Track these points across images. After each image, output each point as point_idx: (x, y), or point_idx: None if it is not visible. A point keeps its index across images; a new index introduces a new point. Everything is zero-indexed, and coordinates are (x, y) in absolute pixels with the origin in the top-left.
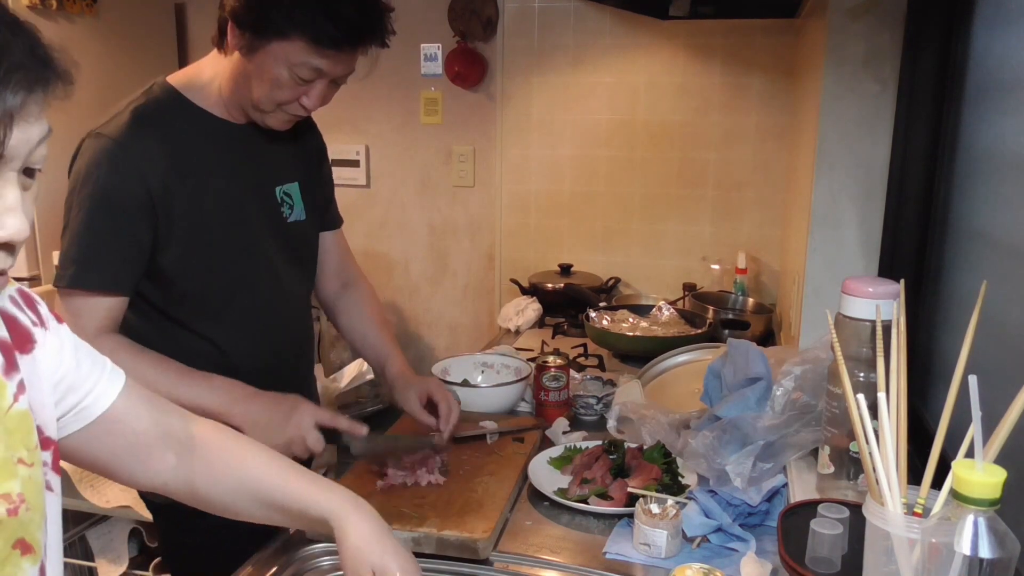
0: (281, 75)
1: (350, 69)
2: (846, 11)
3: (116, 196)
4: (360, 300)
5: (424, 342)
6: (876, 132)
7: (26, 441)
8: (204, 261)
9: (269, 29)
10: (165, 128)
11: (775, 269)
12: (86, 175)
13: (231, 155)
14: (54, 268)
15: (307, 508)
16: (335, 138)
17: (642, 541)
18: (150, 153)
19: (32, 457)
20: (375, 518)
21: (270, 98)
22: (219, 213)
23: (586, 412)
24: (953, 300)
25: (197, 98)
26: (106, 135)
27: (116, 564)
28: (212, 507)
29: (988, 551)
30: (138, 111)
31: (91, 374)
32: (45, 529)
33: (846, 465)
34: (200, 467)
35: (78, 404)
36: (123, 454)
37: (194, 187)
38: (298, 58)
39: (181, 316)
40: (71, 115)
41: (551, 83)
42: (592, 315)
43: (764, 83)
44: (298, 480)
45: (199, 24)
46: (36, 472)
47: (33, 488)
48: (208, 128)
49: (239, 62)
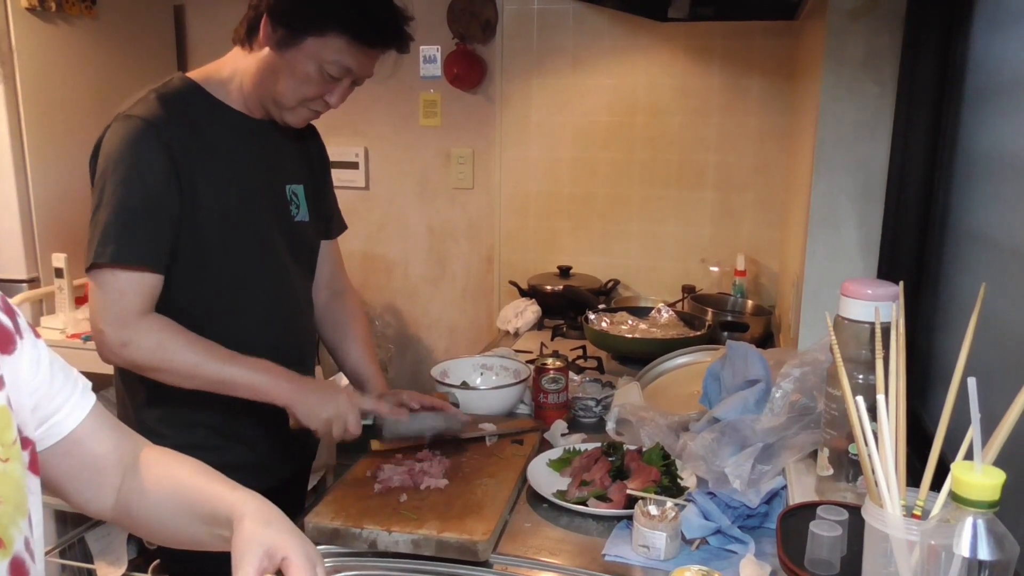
0: (311, 71)
1: (371, 71)
2: (845, 13)
3: (150, 174)
4: (347, 315)
5: (423, 344)
6: (875, 134)
7: (3, 436)
8: (219, 247)
9: (306, 25)
10: (189, 113)
11: (774, 271)
12: (119, 154)
13: (248, 147)
14: (53, 270)
15: (216, 507)
16: (334, 140)
17: (641, 543)
18: (178, 134)
19: (8, 453)
20: (276, 510)
21: (296, 94)
22: (236, 201)
23: (585, 414)
24: (952, 302)
25: (217, 92)
26: (135, 115)
27: (115, 566)
28: (141, 526)
29: (987, 553)
30: (162, 96)
31: (63, 390)
32: (25, 527)
33: (845, 467)
34: (135, 484)
35: (49, 419)
36: (79, 476)
37: (216, 172)
38: (331, 55)
39: (188, 303)
40: (72, 117)
41: (550, 85)
42: (591, 317)
43: (763, 85)
44: (215, 483)
45: (198, 26)
46: (12, 467)
47: (9, 484)
48: (227, 119)
49: (268, 57)
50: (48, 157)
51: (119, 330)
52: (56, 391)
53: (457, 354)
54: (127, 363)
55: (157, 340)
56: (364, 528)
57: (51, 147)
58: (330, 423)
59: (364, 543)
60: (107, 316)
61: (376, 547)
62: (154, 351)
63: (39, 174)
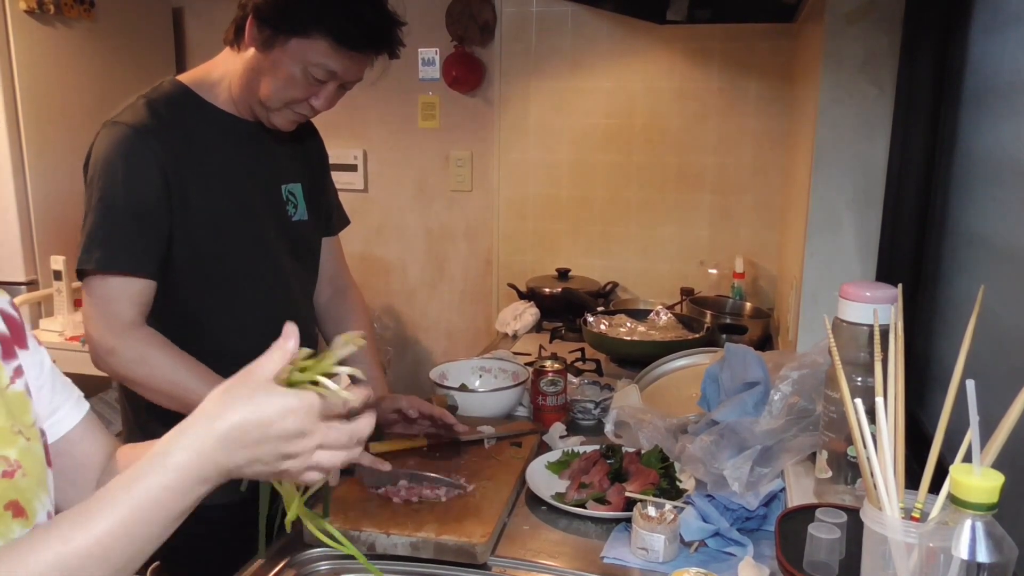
0: (295, 73)
1: (360, 76)
2: (843, 15)
3: (136, 181)
4: (350, 313)
5: (421, 347)
6: (874, 136)
7: (23, 419)
8: (214, 252)
9: (291, 26)
10: (179, 119)
11: (773, 273)
12: (105, 161)
13: (240, 150)
14: (51, 272)
15: None
16: (333, 143)
17: (640, 545)
18: (167, 141)
19: (30, 433)
20: None
21: (280, 96)
22: (231, 205)
23: (584, 417)
24: (951, 304)
25: (207, 95)
26: (123, 122)
27: None
28: None
29: (985, 555)
30: (152, 102)
31: (63, 392)
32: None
33: (844, 469)
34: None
35: (51, 416)
36: (69, 475)
37: (208, 177)
38: (316, 58)
39: (186, 308)
40: (71, 119)
41: (549, 87)
42: (590, 319)
43: (762, 87)
44: None
45: (196, 28)
46: (35, 446)
47: (32, 459)
48: (218, 122)
49: (253, 58)
50: (47, 159)
51: (106, 337)
52: (57, 392)
53: (455, 356)
54: (111, 372)
55: (140, 354)
56: (362, 531)
57: (50, 149)
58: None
59: (363, 546)
60: (96, 322)
61: (374, 550)
62: (136, 364)
63: (38, 176)
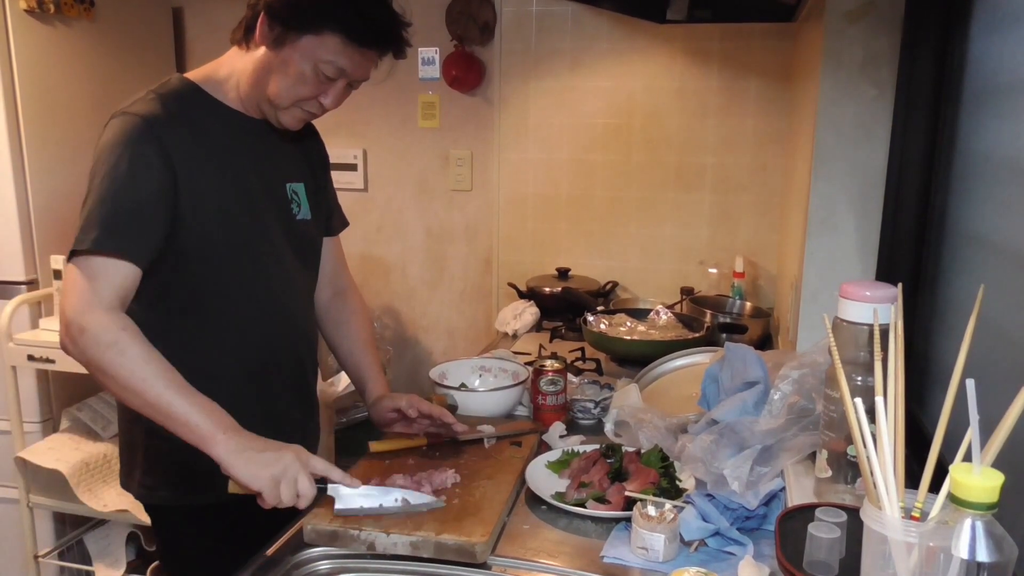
0: (305, 71)
1: (367, 74)
2: (843, 15)
3: (142, 169)
4: (350, 314)
5: (421, 346)
6: (873, 136)
7: None
8: (219, 247)
9: (303, 23)
10: (187, 113)
11: (772, 273)
12: (112, 148)
13: (246, 146)
14: (51, 272)
15: None
16: (333, 142)
17: (640, 545)
18: (176, 133)
19: None
20: None
21: (290, 93)
22: (236, 200)
23: (584, 416)
24: (951, 304)
25: (215, 92)
26: (133, 113)
27: (114, 568)
28: None
29: (985, 555)
30: (161, 96)
31: None
32: None
33: (844, 469)
34: None
35: None
36: None
37: (215, 171)
38: (326, 55)
39: (190, 303)
40: (71, 119)
41: (548, 87)
42: (590, 319)
43: (761, 87)
44: None
45: (196, 28)
46: None
47: None
48: (226, 118)
49: (264, 55)
50: (47, 159)
51: (79, 315)
52: None
53: (455, 356)
54: (78, 353)
55: (115, 338)
56: (362, 530)
57: (50, 149)
58: (277, 483)
59: (362, 545)
60: (71, 300)
61: (374, 549)
62: (107, 348)
63: (38, 176)
